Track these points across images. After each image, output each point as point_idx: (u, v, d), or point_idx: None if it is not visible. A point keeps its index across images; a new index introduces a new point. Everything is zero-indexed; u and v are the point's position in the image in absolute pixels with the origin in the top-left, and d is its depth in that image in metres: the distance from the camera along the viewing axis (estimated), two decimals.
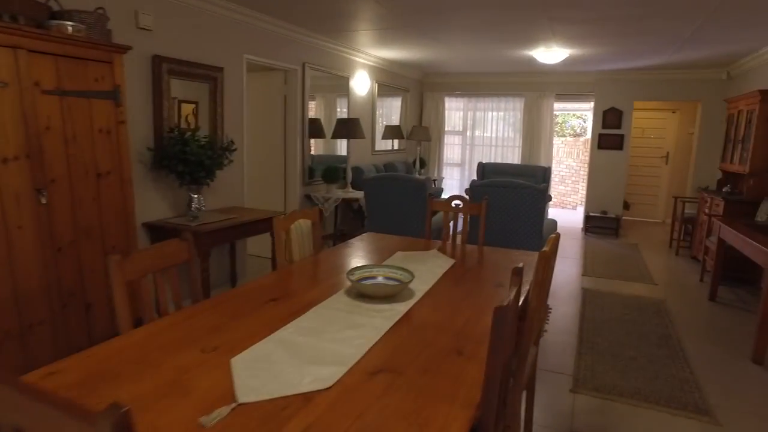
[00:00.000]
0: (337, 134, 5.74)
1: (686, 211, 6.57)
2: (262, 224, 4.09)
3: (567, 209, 11.58)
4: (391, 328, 1.79)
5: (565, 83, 8.05)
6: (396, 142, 8.41)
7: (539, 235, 4.44)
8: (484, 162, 8.50)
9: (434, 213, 4.34)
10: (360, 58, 6.64)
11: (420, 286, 2.27)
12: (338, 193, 5.79)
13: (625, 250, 6.68)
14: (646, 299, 4.64)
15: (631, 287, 5.04)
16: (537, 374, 3.06)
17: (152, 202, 3.78)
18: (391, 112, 8.29)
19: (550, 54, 5.95)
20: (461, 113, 8.94)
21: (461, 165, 9.09)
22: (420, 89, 8.94)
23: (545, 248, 1.95)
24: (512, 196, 4.38)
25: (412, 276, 2.19)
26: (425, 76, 8.87)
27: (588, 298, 4.62)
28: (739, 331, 3.94)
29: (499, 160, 8.69)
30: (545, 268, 1.95)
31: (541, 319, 2.29)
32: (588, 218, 7.80)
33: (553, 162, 12.44)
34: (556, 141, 13.20)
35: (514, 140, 8.59)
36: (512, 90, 8.38)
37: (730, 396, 2.95)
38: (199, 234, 3.53)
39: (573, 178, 11.78)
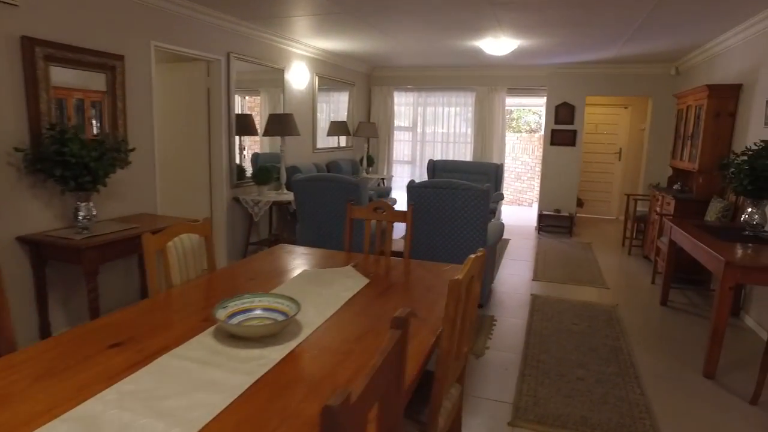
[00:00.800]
0: (269, 131, 5.25)
1: (638, 209, 6.39)
2: None
3: (524, 206, 11.41)
4: (248, 389, 1.34)
5: (516, 77, 7.77)
6: (343, 139, 7.96)
7: (483, 242, 4.09)
8: (434, 159, 8.15)
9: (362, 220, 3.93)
10: (297, 49, 6.15)
11: (313, 319, 1.83)
12: (270, 195, 5.30)
13: (578, 250, 6.44)
14: (597, 306, 4.36)
15: (583, 292, 4.76)
16: (473, 404, 2.69)
17: (30, 212, 3.21)
18: (338, 107, 7.83)
19: (498, 45, 5.62)
20: (411, 108, 8.56)
21: (412, 163, 8.71)
22: (368, 83, 8.51)
23: (458, 275, 1.54)
24: (452, 198, 4.00)
25: (298, 308, 1.75)
26: (373, 70, 8.44)
27: (537, 307, 4.30)
28: (691, 341, 3.69)
29: (451, 157, 8.36)
30: (459, 300, 1.55)
31: (461, 360, 1.89)
32: (541, 217, 7.56)
33: (509, 158, 12.27)
34: (512, 137, 13.06)
35: (466, 136, 8.27)
36: (463, 84, 8.05)
37: (682, 420, 2.65)
38: (83, 249, 2.99)
39: (529, 175, 11.62)
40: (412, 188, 4.18)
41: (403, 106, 8.61)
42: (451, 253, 4.21)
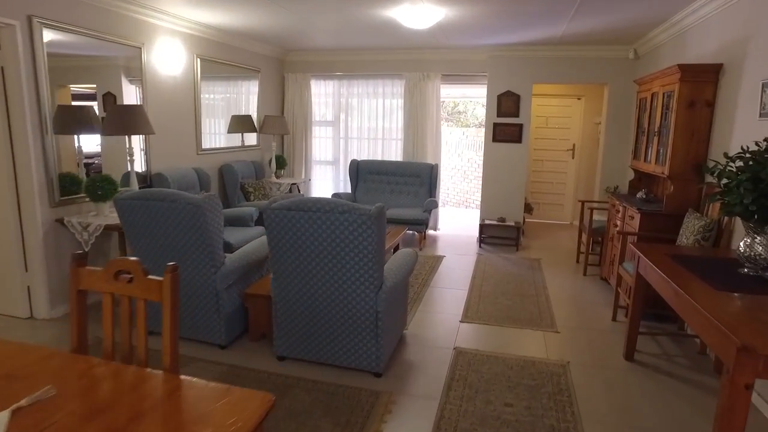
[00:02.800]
0: (106, 129, 3.82)
1: (595, 218, 5.30)
2: None
3: (471, 208, 10.31)
4: None
5: (451, 61, 6.56)
6: (253, 137, 6.56)
7: (377, 286, 2.83)
8: (359, 160, 6.87)
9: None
10: (163, 22, 4.72)
11: None
12: (108, 216, 3.88)
13: (524, 270, 5.30)
14: (542, 366, 3.19)
15: (525, 339, 3.59)
16: None
17: None
18: (244, 99, 6.42)
19: (418, 14, 4.36)
20: (332, 99, 7.24)
21: (334, 163, 7.40)
22: (279, 70, 7.12)
23: None
24: (329, 225, 2.73)
25: None
26: (286, 54, 7.06)
27: (459, 373, 3.08)
28: (673, 427, 2.56)
29: (379, 157, 7.10)
30: None
31: None
32: (483, 227, 6.39)
33: (454, 156, 11.15)
34: (458, 132, 11.93)
35: (395, 132, 7.02)
36: (390, 70, 6.78)
37: None
38: None
39: (477, 174, 10.52)
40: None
41: (323, 96, 7.28)
42: (331, 320, 2.96)
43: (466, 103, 12.94)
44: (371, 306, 2.82)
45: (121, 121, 3.81)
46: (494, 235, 6.42)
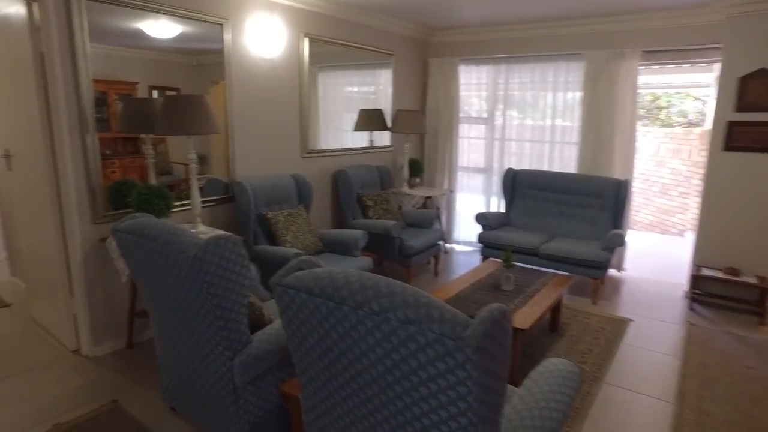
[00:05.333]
0: (159, 126, 2.92)
1: None
2: None
3: (670, 235, 7.76)
4: None
5: (658, 31, 4.48)
6: (383, 136, 5.39)
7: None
8: (516, 169, 5.21)
9: None
10: None
11: None
12: None
13: None
14: None
15: None
16: None
17: None
18: (378, 90, 5.29)
19: None
20: (486, 90, 5.67)
21: (485, 171, 5.82)
22: (420, 53, 5.79)
23: None
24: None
25: None
26: (428, 33, 5.70)
27: None
28: None
29: (545, 166, 5.33)
30: None
31: None
32: (698, 280, 4.20)
33: (651, 164, 8.58)
34: (657, 133, 9.23)
35: (569, 134, 5.17)
36: (566, 48, 4.96)
37: None
38: None
39: (682, 189, 7.91)
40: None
41: (475, 86, 5.75)
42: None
43: (669, 95, 10.08)
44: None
45: (174, 116, 2.85)
46: (717, 293, 4.20)
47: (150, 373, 2.93)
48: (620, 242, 4.14)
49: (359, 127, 5.04)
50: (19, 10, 2.86)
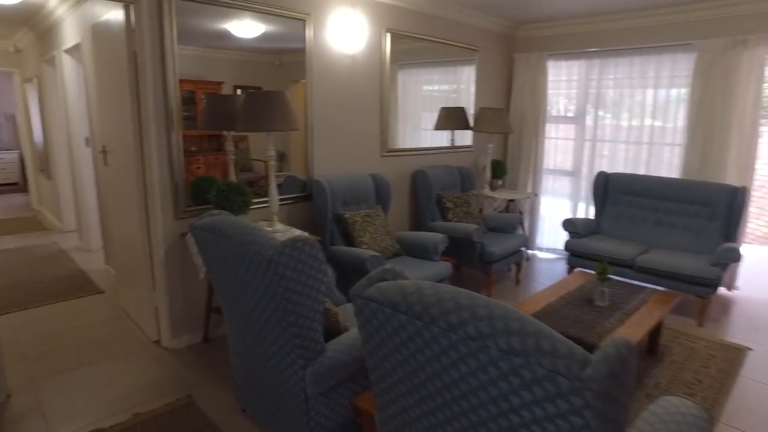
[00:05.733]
0: (238, 123, 2.90)
1: None
2: None
3: None
4: None
5: None
6: (465, 136, 5.17)
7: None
8: (608, 172, 4.79)
9: None
10: None
11: None
12: None
13: None
14: None
15: None
16: None
17: None
18: (459, 87, 5.08)
19: None
20: (577, 87, 5.26)
21: (573, 174, 5.41)
22: (505, 49, 5.48)
23: None
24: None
25: None
26: (514, 27, 5.39)
27: None
28: None
29: (641, 170, 4.85)
30: None
31: None
32: None
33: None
34: None
35: (673, 134, 4.67)
36: (673, 37, 4.46)
37: None
38: None
39: None
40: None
41: (565, 83, 5.36)
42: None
43: None
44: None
45: (255, 113, 2.81)
46: None
47: (223, 370, 2.93)
48: (735, 257, 3.64)
49: (440, 125, 4.84)
50: (118, 14, 2.96)
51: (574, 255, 4.38)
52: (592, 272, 3.49)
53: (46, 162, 6.51)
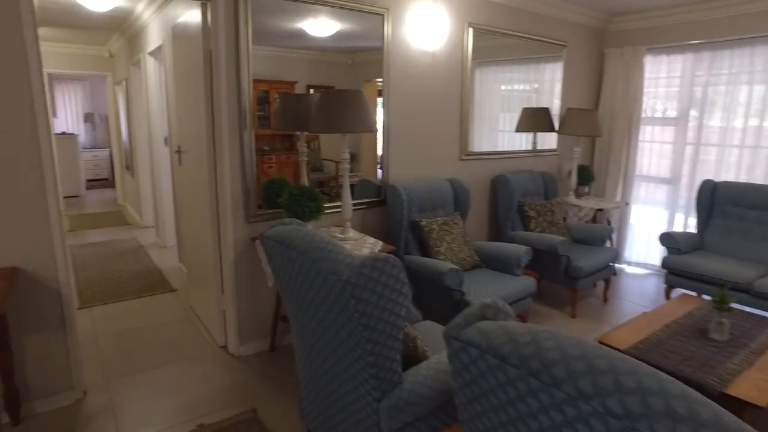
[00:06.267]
0: (313, 123, 2.75)
1: None
2: None
3: None
4: None
5: None
6: (549, 138, 4.79)
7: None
8: (715, 181, 4.24)
9: None
10: None
11: None
12: None
13: None
14: None
15: None
16: None
17: None
18: (543, 86, 4.72)
19: None
20: (679, 85, 4.71)
21: (672, 182, 4.86)
22: (596, 43, 5.02)
23: None
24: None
25: None
26: (606, 19, 4.92)
27: None
28: None
29: (757, 178, 4.25)
30: None
31: None
32: None
33: None
34: None
35: None
36: None
37: None
38: None
39: None
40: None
41: (664, 80, 4.82)
42: None
43: None
44: None
45: (330, 113, 2.65)
46: None
47: (290, 382, 2.80)
48: None
49: (522, 127, 4.50)
50: (196, 14, 2.91)
51: (673, 273, 3.91)
52: (697, 294, 3.04)
53: (130, 160, 6.80)
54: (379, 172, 3.57)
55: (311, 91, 3.19)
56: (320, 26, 3.09)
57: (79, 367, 2.61)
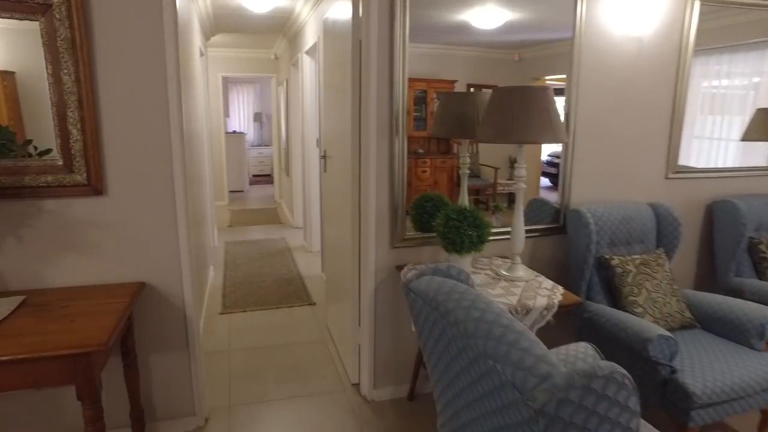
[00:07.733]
0: (487, 127, 2.14)
1: None
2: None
3: None
4: None
5: None
6: None
7: None
8: None
9: None
10: None
11: None
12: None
13: None
14: None
15: None
16: None
17: None
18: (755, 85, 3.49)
19: None
20: None
21: None
22: None
23: None
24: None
25: None
26: None
27: None
28: None
29: None
30: None
31: None
32: None
33: None
34: None
35: None
36: None
37: None
38: None
39: None
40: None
41: None
42: None
43: None
44: None
45: (504, 117, 2.01)
46: None
47: None
48: None
49: (751, 134, 3.34)
50: (347, 6, 2.49)
51: None
52: None
53: (287, 159, 6.89)
54: (543, 182, 2.83)
55: (471, 90, 2.60)
56: (487, 17, 2.48)
57: (201, 394, 2.36)
